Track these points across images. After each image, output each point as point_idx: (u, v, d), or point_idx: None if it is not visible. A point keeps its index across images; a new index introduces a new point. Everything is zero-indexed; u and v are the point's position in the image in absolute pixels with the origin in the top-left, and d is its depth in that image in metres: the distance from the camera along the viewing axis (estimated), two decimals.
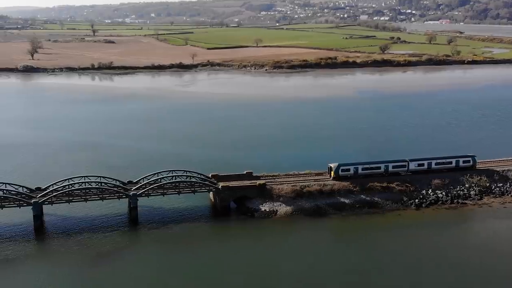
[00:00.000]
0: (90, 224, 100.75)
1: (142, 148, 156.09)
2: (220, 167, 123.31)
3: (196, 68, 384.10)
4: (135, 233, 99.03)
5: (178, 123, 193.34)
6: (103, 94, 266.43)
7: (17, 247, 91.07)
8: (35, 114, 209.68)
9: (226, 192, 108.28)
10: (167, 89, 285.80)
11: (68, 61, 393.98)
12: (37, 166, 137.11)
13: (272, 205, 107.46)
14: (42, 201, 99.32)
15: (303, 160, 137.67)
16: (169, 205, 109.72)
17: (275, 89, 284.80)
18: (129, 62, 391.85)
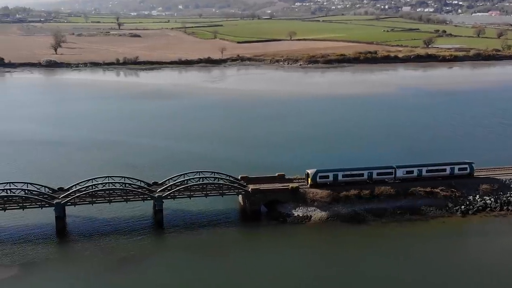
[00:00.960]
0: (113, 227, 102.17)
1: (168, 147, 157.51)
2: (250, 169, 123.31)
3: (225, 63, 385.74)
4: (160, 237, 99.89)
5: (205, 121, 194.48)
6: (127, 90, 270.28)
7: (39, 249, 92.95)
8: (58, 111, 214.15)
9: (256, 196, 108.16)
10: (194, 85, 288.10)
11: (92, 56, 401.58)
12: (59, 165, 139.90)
13: (306, 210, 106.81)
14: (65, 202, 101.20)
15: (340, 161, 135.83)
16: (196, 208, 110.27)
17: (310, 86, 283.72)
18: (155, 57, 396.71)
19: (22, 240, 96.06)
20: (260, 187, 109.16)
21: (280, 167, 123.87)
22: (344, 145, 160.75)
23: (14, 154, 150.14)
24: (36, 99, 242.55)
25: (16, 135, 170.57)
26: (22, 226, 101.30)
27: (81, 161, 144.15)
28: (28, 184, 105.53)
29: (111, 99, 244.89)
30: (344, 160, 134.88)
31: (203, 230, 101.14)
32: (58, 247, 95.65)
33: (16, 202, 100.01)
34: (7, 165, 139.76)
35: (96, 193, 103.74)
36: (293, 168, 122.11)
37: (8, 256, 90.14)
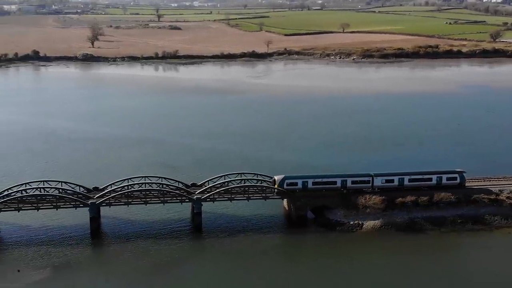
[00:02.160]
0: (149, 230, 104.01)
1: (208, 147, 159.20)
2: (296, 171, 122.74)
3: (271, 57, 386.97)
4: (199, 242, 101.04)
5: (248, 119, 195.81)
6: (166, 86, 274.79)
7: (72, 251, 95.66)
8: (94, 107, 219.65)
9: (302, 200, 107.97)
10: (237, 80, 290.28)
11: (130, 49, 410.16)
12: (94, 164, 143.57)
13: (357, 217, 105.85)
14: (100, 202, 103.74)
15: (394, 165, 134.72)
16: (236, 212, 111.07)
17: (364, 82, 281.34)
18: (196, 50, 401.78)
19: (55, 241, 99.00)
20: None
21: (330, 169, 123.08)
22: (401, 147, 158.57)
23: (49, 151, 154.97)
24: (72, 95, 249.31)
25: (51, 132, 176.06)
26: (55, 226, 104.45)
27: (117, 159, 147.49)
28: (62, 183, 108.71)
29: (149, 95, 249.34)
30: (400, 165, 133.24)
31: (244, 236, 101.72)
32: (91, 249, 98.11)
33: (49, 201, 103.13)
34: (41, 162, 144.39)
35: (132, 194, 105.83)
36: (344, 171, 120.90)
37: (41, 257, 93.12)
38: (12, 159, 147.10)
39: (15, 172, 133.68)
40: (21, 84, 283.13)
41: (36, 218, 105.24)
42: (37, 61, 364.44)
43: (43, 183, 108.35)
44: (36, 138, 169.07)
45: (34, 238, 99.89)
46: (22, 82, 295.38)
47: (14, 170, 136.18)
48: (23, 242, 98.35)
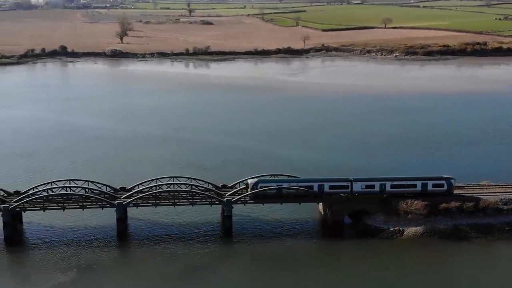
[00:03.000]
0: (177, 232, 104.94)
1: (240, 146, 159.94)
2: (332, 174, 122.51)
3: (307, 53, 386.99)
4: (229, 246, 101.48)
5: (281, 119, 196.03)
6: (197, 83, 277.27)
7: (99, 253, 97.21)
8: (122, 105, 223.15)
9: (339, 204, 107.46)
10: (271, 78, 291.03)
11: (160, 45, 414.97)
12: (122, 163, 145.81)
13: (398, 223, 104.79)
14: (127, 202, 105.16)
15: (431, 166, 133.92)
16: (269, 215, 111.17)
17: (407, 80, 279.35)
18: (228, 46, 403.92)
19: (81, 242, 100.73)
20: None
21: (367, 172, 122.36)
22: (449, 151, 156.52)
23: (75, 149, 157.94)
24: (100, 92, 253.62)
25: (78, 130, 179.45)
26: (81, 227, 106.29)
27: (145, 159, 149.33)
28: (89, 182, 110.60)
29: (178, 92, 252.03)
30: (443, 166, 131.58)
31: (276, 241, 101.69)
32: (118, 251, 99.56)
33: (76, 201, 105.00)
34: (67, 161, 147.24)
35: (160, 195, 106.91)
36: (383, 174, 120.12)
37: (66, 259, 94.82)
38: (37, 157, 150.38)
39: (40, 171, 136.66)
40: (47, 81, 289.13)
41: (61, 218, 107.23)
42: (65, 56, 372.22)
43: (69, 182, 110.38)
44: (62, 135, 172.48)
45: (60, 238, 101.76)
46: (49, 78, 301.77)
47: (40, 169, 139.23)
48: (48, 242, 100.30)
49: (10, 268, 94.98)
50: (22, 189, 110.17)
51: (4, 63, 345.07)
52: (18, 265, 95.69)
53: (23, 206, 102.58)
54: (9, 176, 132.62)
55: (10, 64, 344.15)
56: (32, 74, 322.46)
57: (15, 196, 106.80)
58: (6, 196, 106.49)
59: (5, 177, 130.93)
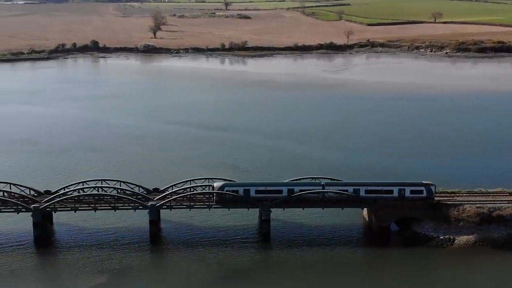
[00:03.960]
0: (212, 236, 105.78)
1: (277, 147, 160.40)
2: (377, 177, 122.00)
3: (351, 49, 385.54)
4: (266, 252, 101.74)
5: (323, 118, 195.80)
6: (233, 80, 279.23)
7: (130, 256, 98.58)
8: (154, 103, 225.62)
9: (385, 210, 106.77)
10: (312, 75, 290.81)
11: (194, 40, 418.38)
12: (154, 163, 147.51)
13: (448, 231, 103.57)
14: (160, 204, 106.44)
15: (494, 174, 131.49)
16: (310, 220, 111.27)
17: (459, 79, 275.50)
18: (266, 41, 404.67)
19: (113, 244, 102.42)
20: None
21: (417, 177, 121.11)
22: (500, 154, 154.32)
23: (108, 148, 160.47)
24: (132, 89, 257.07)
25: (110, 128, 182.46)
26: (113, 228, 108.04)
27: (180, 159, 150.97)
28: (121, 183, 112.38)
29: (214, 89, 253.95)
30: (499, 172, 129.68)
31: (317, 248, 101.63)
32: (150, 254, 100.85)
33: (108, 202, 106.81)
34: (99, 160, 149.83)
35: (194, 197, 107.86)
36: (436, 180, 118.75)
37: (97, 261, 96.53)
38: (69, 156, 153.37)
39: (72, 170, 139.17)
40: (79, 77, 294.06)
41: (93, 220, 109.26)
42: (96, 52, 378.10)
43: (101, 182, 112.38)
44: (95, 134, 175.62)
45: (91, 240, 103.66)
46: (80, 74, 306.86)
47: (71, 168, 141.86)
48: (79, 244, 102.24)
49: (39, 270, 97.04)
50: (52, 188, 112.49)
51: (34, 58, 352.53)
52: (48, 267, 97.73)
53: (54, 206, 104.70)
54: (40, 175, 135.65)
55: (41, 59, 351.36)
56: (63, 70, 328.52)
57: (45, 195, 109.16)
58: (36, 196, 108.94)
59: (35, 176, 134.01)
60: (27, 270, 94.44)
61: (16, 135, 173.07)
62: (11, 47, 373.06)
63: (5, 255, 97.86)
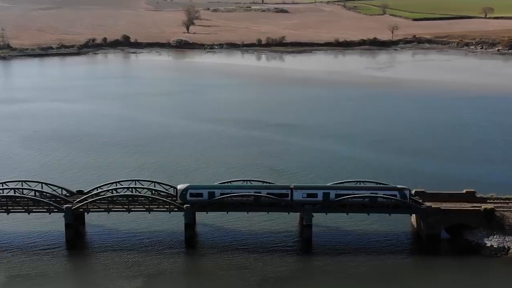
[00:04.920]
0: (251, 241, 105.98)
1: (317, 148, 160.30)
2: (427, 182, 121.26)
3: (396, 45, 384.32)
4: (307, 259, 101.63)
5: (367, 119, 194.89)
6: (270, 77, 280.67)
7: (166, 260, 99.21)
8: (188, 101, 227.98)
9: (435, 217, 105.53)
10: (354, 73, 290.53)
11: (229, 35, 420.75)
12: (189, 163, 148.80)
13: (503, 240, 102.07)
14: (196, 207, 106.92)
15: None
16: (354, 226, 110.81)
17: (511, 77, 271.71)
18: (305, 37, 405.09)
19: (147, 247, 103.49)
20: (441, 206, 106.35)
21: (469, 182, 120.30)
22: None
23: (142, 148, 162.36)
24: (165, 86, 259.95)
25: (144, 127, 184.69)
26: (147, 231, 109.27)
27: (216, 159, 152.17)
28: (155, 184, 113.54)
29: (251, 87, 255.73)
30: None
31: (362, 255, 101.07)
32: (185, 259, 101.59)
33: (142, 203, 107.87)
34: (134, 160, 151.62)
35: (231, 200, 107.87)
36: (488, 185, 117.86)
37: (131, 265, 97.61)
38: (102, 155, 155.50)
39: (105, 170, 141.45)
40: (109, 73, 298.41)
41: (126, 222, 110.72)
42: (127, 47, 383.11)
43: (135, 183, 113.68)
44: (128, 132, 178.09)
45: (124, 243, 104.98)
46: (111, 70, 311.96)
47: (104, 167, 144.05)
48: (112, 247, 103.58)
49: (71, 273, 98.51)
50: (85, 188, 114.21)
51: (64, 53, 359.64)
52: (79, 270, 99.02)
53: (87, 207, 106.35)
54: (72, 174, 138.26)
55: (70, 54, 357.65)
56: (94, 65, 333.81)
57: (78, 196, 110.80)
58: (68, 196, 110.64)
59: (67, 175, 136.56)
60: (58, 273, 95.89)
61: (47, 132, 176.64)
62: (40, 41, 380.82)
63: (37, 257, 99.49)
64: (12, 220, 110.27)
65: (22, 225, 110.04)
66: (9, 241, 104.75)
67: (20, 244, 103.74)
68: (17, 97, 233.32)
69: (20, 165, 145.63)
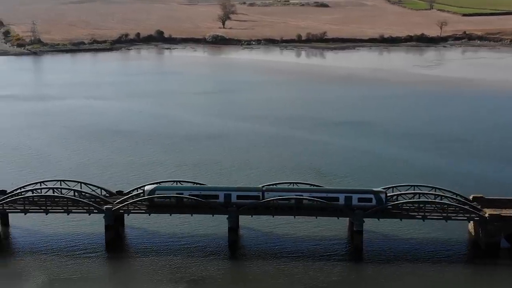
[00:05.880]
0: (297, 246, 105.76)
1: (364, 150, 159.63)
2: (487, 187, 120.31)
3: (445, 42, 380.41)
4: (356, 267, 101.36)
5: (417, 119, 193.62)
6: (312, 74, 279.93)
7: (209, 264, 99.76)
8: (227, 98, 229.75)
9: (495, 224, 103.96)
10: (400, 71, 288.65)
11: (267, 30, 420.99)
12: (227, 164, 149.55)
13: None
14: (240, 210, 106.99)
15: None
16: (407, 232, 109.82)
17: None
18: (347, 32, 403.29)
19: (190, 250, 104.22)
20: (501, 213, 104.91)
21: None
22: None
23: (181, 147, 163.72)
24: (201, 83, 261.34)
25: (182, 126, 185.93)
26: (189, 234, 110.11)
27: (253, 159, 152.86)
28: (195, 183, 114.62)
29: (291, 85, 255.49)
30: None
31: (414, 264, 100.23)
32: (229, 263, 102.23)
33: (187, 205, 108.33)
34: (174, 160, 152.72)
35: (276, 203, 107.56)
36: None
37: (174, 269, 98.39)
38: (140, 154, 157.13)
39: (145, 169, 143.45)
40: (143, 70, 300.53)
41: (172, 225, 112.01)
42: (161, 43, 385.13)
43: (176, 183, 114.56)
44: (166, 131, 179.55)
45: (166, 245, 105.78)
46: (145, 67, 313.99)
47: (145, 167, 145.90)
48: (153, 249, 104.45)
49: (112, 276, 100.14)
50: (125, 189, 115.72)
51: (96, 49, 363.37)
52: (119, 273, 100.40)
53: (127, 208, 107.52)
54: (111, 174, 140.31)
55: (103, 50, 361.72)
56: (127, 62, 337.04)
57: (118, 196, 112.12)
58: (108, 197, 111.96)
59: (106, 175, 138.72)
60: (98, 276, 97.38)
61: (83, 130, 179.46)
62: (71, 36, 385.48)
63: (76, 259, 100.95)
64: (51, 221, 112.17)
65: (60, 225, 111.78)
66: (48, 242, 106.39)
67: (59, 246, 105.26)
68: (51, 93, 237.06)
69: (57, 164, 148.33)
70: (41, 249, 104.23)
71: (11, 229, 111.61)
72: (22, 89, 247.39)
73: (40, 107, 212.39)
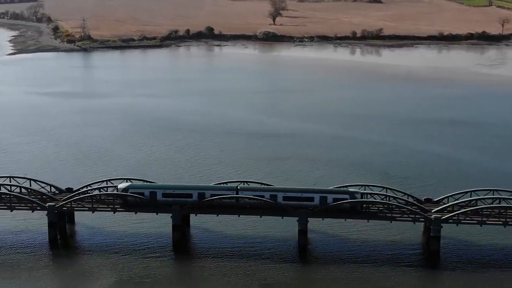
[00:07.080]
0: (369, 252, 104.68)
1: (438, 153, 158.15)
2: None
3: (507, 40, 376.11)
4: (433, 274, 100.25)
5: (480, 123, 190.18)
6: (368, 72, 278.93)
7: (280, 269, 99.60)
8: (282, 98, 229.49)
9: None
10: (461, 69, 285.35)
11: (319, 27, 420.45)
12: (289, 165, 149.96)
13: None
14: (309, 213, 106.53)
15: None
16: (485, 239, 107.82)
17: None
18: (404, 29, 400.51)
19: (258, 254, 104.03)
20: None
21: None
22: None
23: (235, 148, 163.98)
24: (253, 82, 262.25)
25: (238, 125, 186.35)
26: (259, 236, 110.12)
27: (311, 161, 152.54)
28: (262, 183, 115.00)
29: (348, 84, 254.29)
30: None
31: (495, 271, 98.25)
32: (300, 268, 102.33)
33: (253, 206, 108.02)
34: (235, 160, 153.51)
35: (342, 206, 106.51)
36: None
37: (244, 273, 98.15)
38: (200, 152, 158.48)
39: (208, 169, 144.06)
40: (194, 67, 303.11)
41: (234, 225, 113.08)
42: (211, 39, 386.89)
43: (243, 184, 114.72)
44: (222, 129, 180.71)
45: (234, 248, 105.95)
46: (196, 64, 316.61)
47: (208, 166, 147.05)
48: (220, 251, 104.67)
49: (180, 278, 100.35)
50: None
51: (145, 45, 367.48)
52: (188, 275, 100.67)
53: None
54: (174, 173, 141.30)
55: (152, 46, 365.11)
56: (177, 59, 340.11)
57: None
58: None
59: (169, 174, 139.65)
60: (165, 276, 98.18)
61: (142, 128, 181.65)
62: (120, 33, 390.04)
63: (143, 259, 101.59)
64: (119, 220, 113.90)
65: (129, 225, 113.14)
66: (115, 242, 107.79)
67: (126, 245, 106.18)
68: (102, 91, 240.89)
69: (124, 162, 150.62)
70: (107, 248, 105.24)
71: (77, 227, 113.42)
72: (77, 86, 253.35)
73: (94, 104, 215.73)
